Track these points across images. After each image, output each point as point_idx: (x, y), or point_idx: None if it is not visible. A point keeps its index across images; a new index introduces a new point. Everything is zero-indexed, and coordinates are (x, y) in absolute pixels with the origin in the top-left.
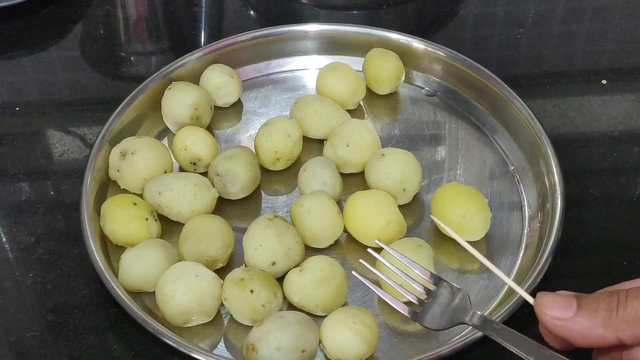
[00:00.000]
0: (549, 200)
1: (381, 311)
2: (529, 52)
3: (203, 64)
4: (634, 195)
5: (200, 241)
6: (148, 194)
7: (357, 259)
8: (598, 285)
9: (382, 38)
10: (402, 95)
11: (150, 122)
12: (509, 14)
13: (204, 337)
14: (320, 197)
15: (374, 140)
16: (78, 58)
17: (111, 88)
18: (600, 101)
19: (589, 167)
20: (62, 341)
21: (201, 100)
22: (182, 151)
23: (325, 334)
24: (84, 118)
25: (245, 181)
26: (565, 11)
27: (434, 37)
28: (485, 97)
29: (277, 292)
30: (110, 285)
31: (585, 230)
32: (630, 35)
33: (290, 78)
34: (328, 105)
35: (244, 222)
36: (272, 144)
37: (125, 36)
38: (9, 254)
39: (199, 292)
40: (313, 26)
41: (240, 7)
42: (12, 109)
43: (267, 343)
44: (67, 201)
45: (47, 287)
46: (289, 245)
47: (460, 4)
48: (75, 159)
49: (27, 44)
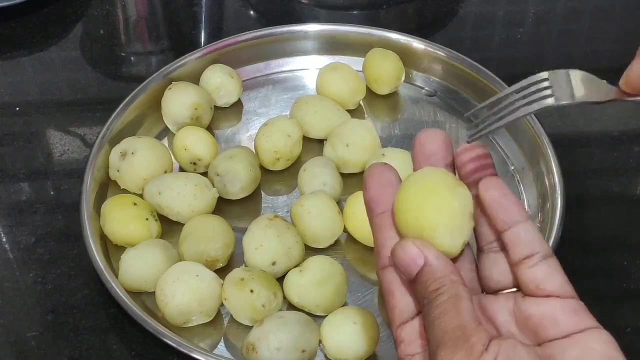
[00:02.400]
0: (549, 200)
1: (381, 311)
2: (529, 52)
3: (203, 64)
4: (634, 195)
5: (200, 241)
6: (148, 194)
7: (357, 259)
8: (598, 285)
9: (382, 38)
10: (402, 95)
11: (150, 122)
12: (509, 13)
13: (204, 337)
14: (320, 197)
15: (374, 140)
16: (78, 58)
17: (111, 88)
18: None
19: (589, 167)
20: (62, 341)
21: (201, 100)
22: (182, 151)
23: (325, 334)
24: (84, 118)
25: (245, 181)
26: (565, 11)
27: (434, 37)
28: (485, 97)
29: (277, 292)
30: (110, 285)
31: (585, 230)
32: (630, 35)
33: (290, 78)
34: (328, 105)
35: (244, 222)
36: (272, 144)
37: (125, 36)
38: (9, 254)
39: (199, 292)
40: (313, 26)
41: (240, 7)
42: (12, 109)
43: (267, 343)
44: (67, 201)
45: (47, 287)
46: (289, 245)
47: (460, 4)
48: (75, 159)
49: (27, 44)
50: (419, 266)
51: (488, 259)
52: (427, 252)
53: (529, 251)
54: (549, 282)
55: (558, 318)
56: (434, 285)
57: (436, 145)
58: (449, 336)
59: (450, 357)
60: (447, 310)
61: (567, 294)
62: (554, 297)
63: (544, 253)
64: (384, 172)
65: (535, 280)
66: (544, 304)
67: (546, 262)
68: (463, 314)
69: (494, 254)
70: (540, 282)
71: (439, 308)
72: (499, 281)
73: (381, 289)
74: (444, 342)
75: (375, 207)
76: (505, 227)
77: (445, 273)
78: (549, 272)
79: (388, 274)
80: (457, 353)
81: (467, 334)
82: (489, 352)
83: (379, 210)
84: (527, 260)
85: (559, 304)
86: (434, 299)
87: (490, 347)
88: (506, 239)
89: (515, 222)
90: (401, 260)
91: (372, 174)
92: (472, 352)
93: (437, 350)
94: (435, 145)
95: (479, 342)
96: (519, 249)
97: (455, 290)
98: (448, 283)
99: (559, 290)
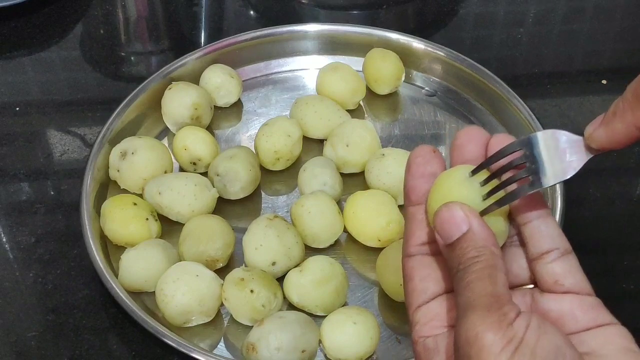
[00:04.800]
0: (549, 200)
1: (381, 311)
2: (529, 52)
3: (203, 64)
4: (634, 195)
5: (200, 241)
6: (148, 194)
7: (357, 259)
8: (598, 285)
9: (382, 38)
10: (402, 95)
11: (150, 122)
12: (509, 13)
13: (204, 337)
14: (320, 197)
15: (374, 140)
16: (78, 58)
17: (111, 88)
18: (600, 101)
19: (589, 167)
20: (62, 341)
21: (201, 100)
22: (182, 151)
23: (325, 334)
24: (84, 118)
25: (245, 181)
26: (566, 11)
27: (434, 37)
28: (485, 97)
29: (277, 292)
30: (110, 285)
31: (585, 230)
32: (630, 35)
33: (290, 78)
34: (328, 105)
35: (244, 222)
36: (272, 144)
37: (125, 36)
38: (9, 254)
39: (199, 292)
40: (313, 26)
41: (240, 7)
42: (12, 109)
43: (267, 343)
44: (67, 201)
45: (48, 287)
46: (289, 245)
47: (460, 4)
48: (75, 159)
49: (27, 44)
50: (462, 232)
51: (508, 253)
52: (473, 219)
53: (549, 246)
54: (567, 279)
55: (576, 314)
56: (474, 252)
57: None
58: (482, 301)
59: (481, 321)
60: (483, 277)
61: (585, 291)
62: (573, 294)
63: (564, 249)
64: (429, 162)
65: (555, 275)
66: (562, 300)
67: (566, 258)
68: (499, 284)
69: (514, 248)
70: (559, 277)
71: (476, 273)
72: (518, 275)
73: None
74: (475, 306)
75: (412, 197)
76: (526, 221)
77: (487, 244)
78: (568, 268)
79: (412, 261)
80: (488, 318)
81: (501, 302)
82: (520, 318)
83: (416, 200)
84: (546, 255)
85: (578, 301)
86: (471, 264)
87: (521, 315)
88: (526, 232)
89: (537, 216)
90: (445, 221)
91: (417, 162)
92: (504, 319)
93: (467, 312)
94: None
95: (511, 310)
96: (539, 243)
97: (495, 261)
98: (488, 253)
99: (578, 287)
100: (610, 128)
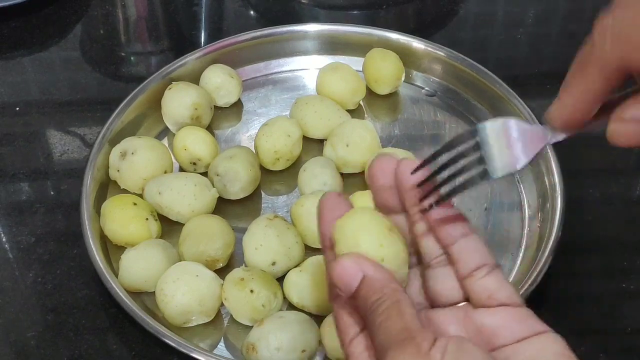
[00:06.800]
0: (549, 200)
1: None
2: (529, 52)
3: (203, 64)
4: (634, 195)
5: (200, 241)
6: (148, 194)
7: None
8: (598, 285)
9: (382, 38)
10: (402, 95)
11: (150, 122)
12: (509, 14)
13: (204, 337)
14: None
15: (374, 140)
16: (78, 58)
17: (111, 88)
18: None
19: (589, 167)
20: (62, 341)
21: (201, 100)
22: (182, 151)
23: (325, 334)
24: (84, 118)
25: (245, 181)
26: (565, 11)
27: (434, 37)
28: (485, 97)
29: (277, 292)
30: (110, 285)
31: (585, 230)
32: None
33: (290, 78)
34: (328, 105)
35: (244, 222)
36: (272, 144)
37: (125, 36)
38: (9, 254)
39: (199, 292)
40: (313, 26)
41: (240, 7)
42: (12, 109)
43: (267, 343)
44: (67, 201)
45: (47, 287)
46: (289, 245)
47: (460, 4)
48: (75, 159)
49: (27, 44)
50: (358, 280)
51: (435, 274)
52: (365, 266)
53: (478, 262)
54: (501, 292)
55: (511, 326)
56: (375, 295)
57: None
58: (394, 338)
59: (400, 356)
60: (391, 315)
61: (516, 302)
62: (505, 306)
63: (492, 263)
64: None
65: (488, 290)
66: (496, 313)
67: (496, 273)
68: (407, 317)
69: (441, 269)
70: (493, 292)
71: (383, 315)
72: (448, 295)
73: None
74: (390, 344)
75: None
76: (452, 241)
77: (384, 283)
78: (499, 282)
79: (336, 304)
80: (404, 353)
81: (412, 334)
82: (436, 347)
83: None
84: (477, 271)
85: (511, 313)
86: (377, 307)
87: (437, 343)
88: (454, 252)
89: (462, 235)
90: (340, 276)
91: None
92: (419, 349)
93: (386, 352)
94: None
95: (425, 339)
96: (469, 260)
97: (397, 296)
98: (389, 292)
99: (510, 300)
100: (562, 104)
